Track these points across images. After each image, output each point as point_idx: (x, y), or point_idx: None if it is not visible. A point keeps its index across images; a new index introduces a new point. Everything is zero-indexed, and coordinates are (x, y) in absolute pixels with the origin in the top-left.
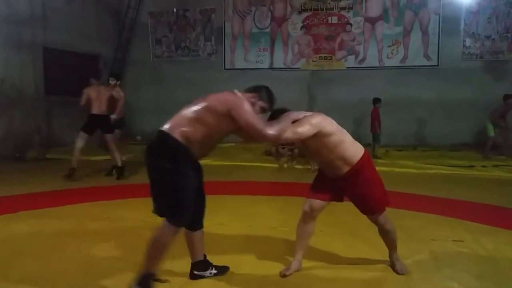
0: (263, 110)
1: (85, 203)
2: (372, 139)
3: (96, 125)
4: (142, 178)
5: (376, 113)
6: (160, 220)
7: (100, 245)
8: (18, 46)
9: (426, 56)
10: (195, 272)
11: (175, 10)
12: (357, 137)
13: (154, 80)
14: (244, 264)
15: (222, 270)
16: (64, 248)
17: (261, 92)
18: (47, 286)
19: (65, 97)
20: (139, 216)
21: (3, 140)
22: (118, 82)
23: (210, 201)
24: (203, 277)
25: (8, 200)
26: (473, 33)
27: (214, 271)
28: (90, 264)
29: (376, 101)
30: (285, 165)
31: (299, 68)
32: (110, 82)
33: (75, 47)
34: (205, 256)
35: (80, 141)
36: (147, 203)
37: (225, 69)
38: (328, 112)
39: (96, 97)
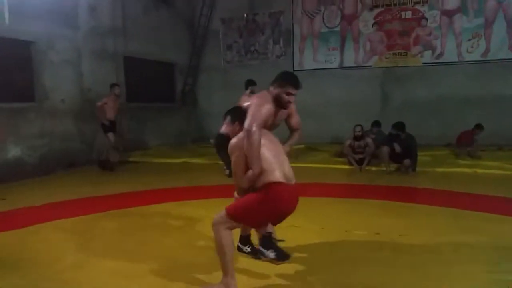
0: (289, 94)
1: (167, 203)
2: None
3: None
4: (218, 180)
5: None
6: None
7: (183, 242)
8: (102, 57)
9: (511, 49)
10: (239, 245)
11: (245, 15)
12: (437, 135)
13: (225, 85)
14: (318, 266)
15: (255, 253)
16: (150, 244)
17: (277, 80)
18: (135, 281)
19: (145, 104)
20: None
21: (91, 145)
22: None
23: None
24: (241, 250)
25: (98, 200)
26: None
27: (249, 249)
28: (175, 260)
29: None
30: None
31: (371, 66)
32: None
33: (152, 55)
34: (249, 234)
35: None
36: (224, 203)
37: (293, 70)
38: (404, 110)
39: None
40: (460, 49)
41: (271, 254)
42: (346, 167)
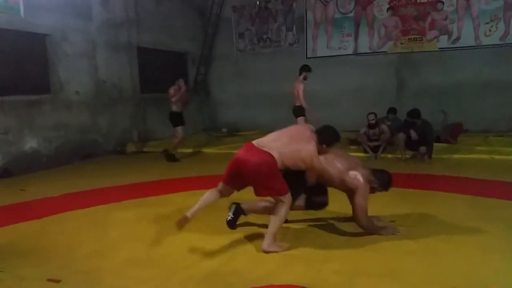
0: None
1: (181, 192)
2: None
3: None
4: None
5: None
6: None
7: (198, 230)
8: (116, 48)
9: None
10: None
11: (258, 2)
12: (454, 121)
13: (238, 74)
14: (332, 255)
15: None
16: (165, 233)
17: (382, 179)
18: (152, 270)
19: (158, 94)
20: None
21: (106, 136)
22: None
23: None
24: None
25: (113, 190)
26: None
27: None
28: (190, 248)
29: None
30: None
31: (386, 51)
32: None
33: (165, 45)
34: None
35: None
36: (239, 193)
37: (307, 58)
38: (420, 97)
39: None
40: (478, 32)
41: (229, 216)
42: (361, 154)
